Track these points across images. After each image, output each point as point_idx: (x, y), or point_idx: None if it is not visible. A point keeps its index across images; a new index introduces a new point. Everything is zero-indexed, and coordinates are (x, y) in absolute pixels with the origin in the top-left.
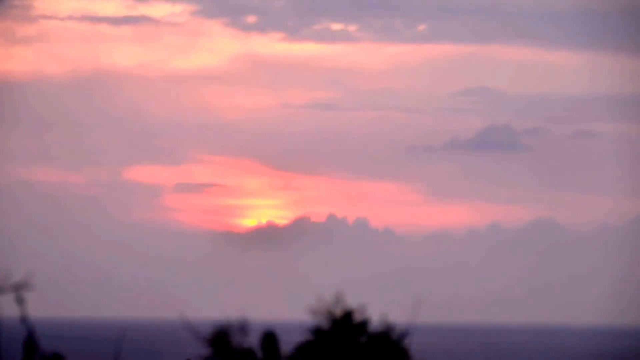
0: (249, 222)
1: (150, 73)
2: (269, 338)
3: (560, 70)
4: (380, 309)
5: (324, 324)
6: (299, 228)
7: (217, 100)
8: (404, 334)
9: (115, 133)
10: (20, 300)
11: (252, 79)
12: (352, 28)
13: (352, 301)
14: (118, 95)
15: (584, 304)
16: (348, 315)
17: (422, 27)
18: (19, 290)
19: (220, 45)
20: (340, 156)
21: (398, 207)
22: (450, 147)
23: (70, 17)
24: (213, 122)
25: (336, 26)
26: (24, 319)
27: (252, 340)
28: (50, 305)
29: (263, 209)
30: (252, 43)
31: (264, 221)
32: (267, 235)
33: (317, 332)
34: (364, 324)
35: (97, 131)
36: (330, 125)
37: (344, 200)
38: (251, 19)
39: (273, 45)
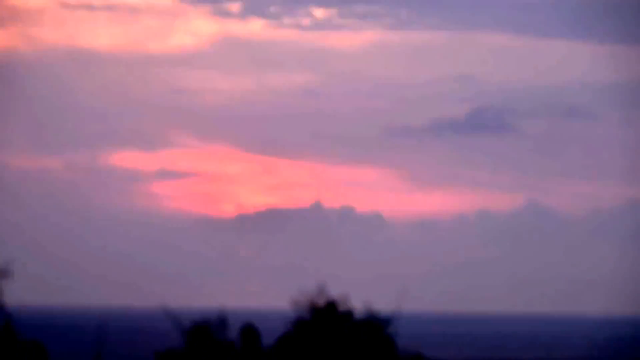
0: (230, 208)
1: (128, 55)
2: (249, 331)
3: (546, 58)
4: (365, 298)
5: (306, 315)
6: (280, 214)
7: (197, 84)
8: (388, 323)
9: (92, 116)
10: None
11: (231, 63)
12: (333, 13)
13: (336, 291)
14: (94, 78)
15: (576, 293)
16: (331, 306)
17: (403, 13)
18: None
19: (199, 28)
20: (320, 141)
21: (383, 193)
22: (433, 131)
23: None
24: (192, 106)
25: (317, 11)
26: (1, 307)
27: (233, 333)
28: (28, 293)
29: (243, 194)
30: (232, 27)
31: (245, 207)
32: (249, 221)
33: (298, 323)
34: (347, 315)
35: (73, 115)
36: (311, 109)
37: (326, 186)
38: (233, 6)
39: (253, 30)
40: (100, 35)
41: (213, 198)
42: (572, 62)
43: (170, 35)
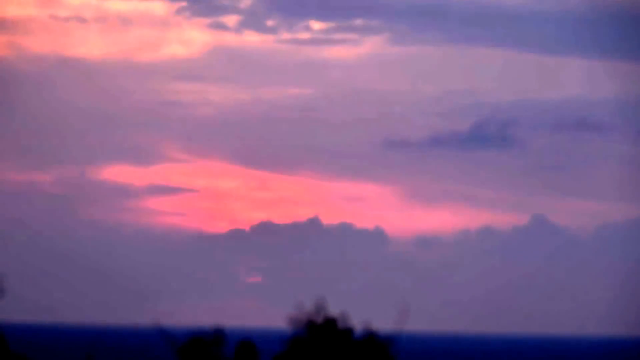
0: (224, 223)
1: (119, 66)
2: (245, 347)
3: (549, 74)
4: (365, 315)
5: (304, 333)
6: (276, 230)
7: (190, 96)
8: (389, 342)
9: (82, 129)
10: None
11: (225, 74)
12: (331, 27)
13: (335, 308)
14: (84, 88)
15: (582, 312)
16: (330, 323)
17: (403, 27)
18: None
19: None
20: (318, 155)
21: (382, 209)
22: (434, 145)
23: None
24: (186, 118)
25: (316, 25)
26: None
27: (229, 349)
28: (20, 309)
29: (238, 209)
30: (228, 39)
31: (240, 222)
32: (244, 237)
33: (295, 341)
34: (346, 333)
35: (63, 127)
36: (308, 123)
37: (324, 201)
38: (230, 19)
39: (249, 42)
40: (91, 45)
41: (206, 213)
42: (576, 77)
43: (164, 46)
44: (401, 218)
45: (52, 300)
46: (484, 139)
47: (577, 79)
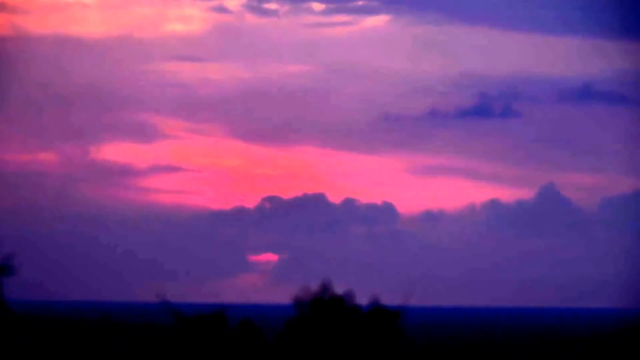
0: (228, 200)
1: (119, 45)
2: (245, 325)
3: (552, 51)
4: (373, 291)
5: (310, 311)
6: (280, 205)
7: (191, 74)
8: (396, 315)
9: (82, 108)
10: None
11: (226, 53)
12: (332, 7)
13: (341, 286)
14: (84, 68)
15: (591, 286)
16: (336, 302)
17: (405, 8)
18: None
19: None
20: (320, 130)
21: (387, 183)
22: (433, 118)
23: None
24: (187, 97)
25: (317, 6)
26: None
27: (232, 326)
28: (26, 288)
29: (241, 185)
30: (228, 18)
31: (243, 199)
32: (248, 214)
33: (300, 319)
34: (353, 310)
35: (63, 106)
36: (309, 100)
37: (329, 176)
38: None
39: (248, 19)
40: (91, 24)
41: (210, 190)
42: (578, 56)
43: (164, 24)
44: (407, 192)
45: (60, 279)
46: (486, 112)
47: (579, 56)
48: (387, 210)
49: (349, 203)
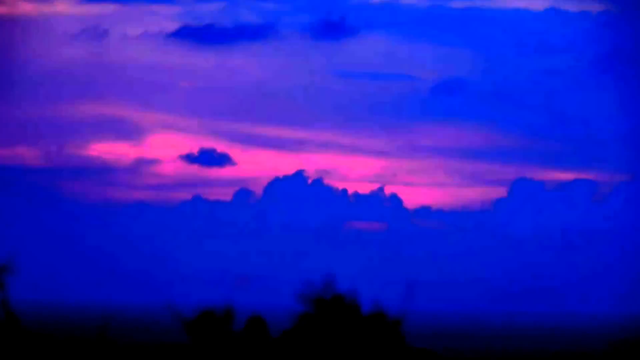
0: (218, 190)
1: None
2: (255, 322)
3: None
4: (373, 289)
5: (313, 310)
6: (276, 193)
7: (177, 65)
8: (398, 318)
9: (65, 101)
10: (1, 284)
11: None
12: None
13: (343, 284)
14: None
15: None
16: (339, 300)
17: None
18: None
19: None
20: (309, 112)
21: (382, 165)
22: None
23: None
24: (167, 87)
25: None
26: (5, 302)
27: (239, 325)
28: (27, 287)
29: (236, 173)
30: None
31: (238, 187)
32: (246, 203)
33: (303, 317)
34: (355, 309)
35: (56, 99)
36: (298, 82)
37: (322, 162)
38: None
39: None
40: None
41: (198, 182)
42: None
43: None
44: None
45: (58, 279)
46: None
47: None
48: (383, 196)
49: (345, 190)
